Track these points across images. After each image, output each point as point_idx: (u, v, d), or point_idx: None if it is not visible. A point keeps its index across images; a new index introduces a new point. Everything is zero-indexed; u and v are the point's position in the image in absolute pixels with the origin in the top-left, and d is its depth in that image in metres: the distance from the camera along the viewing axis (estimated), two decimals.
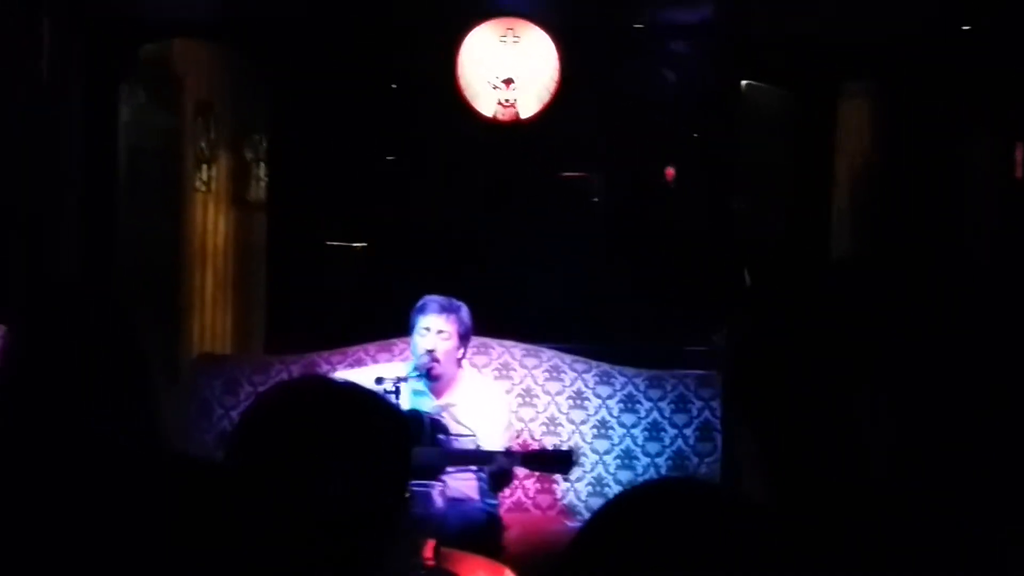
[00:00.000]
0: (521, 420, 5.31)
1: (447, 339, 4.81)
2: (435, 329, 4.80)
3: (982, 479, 1.42)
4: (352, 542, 1.78)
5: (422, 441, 4.56)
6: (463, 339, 4.87)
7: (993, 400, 1.43)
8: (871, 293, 1.50)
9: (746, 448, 1.56)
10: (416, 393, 4.78)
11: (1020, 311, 1.46)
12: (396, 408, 2.03)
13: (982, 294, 1.48)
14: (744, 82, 7.17)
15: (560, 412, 5.36)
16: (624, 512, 1.27)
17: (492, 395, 5.03)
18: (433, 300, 4.87)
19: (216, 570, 1.81)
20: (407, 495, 2.13)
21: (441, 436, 4.65)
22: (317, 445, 1.80)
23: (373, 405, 1.90)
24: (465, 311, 4.88)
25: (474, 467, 4.72)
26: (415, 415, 4.65)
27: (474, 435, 4.74)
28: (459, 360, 4.92)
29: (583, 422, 5.34)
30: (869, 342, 1.45)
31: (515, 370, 5.42)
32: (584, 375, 5.40)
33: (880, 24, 6.31)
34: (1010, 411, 1.43)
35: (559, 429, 5.34)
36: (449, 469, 4.58)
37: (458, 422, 4.76)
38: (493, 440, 4.76)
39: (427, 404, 4.81)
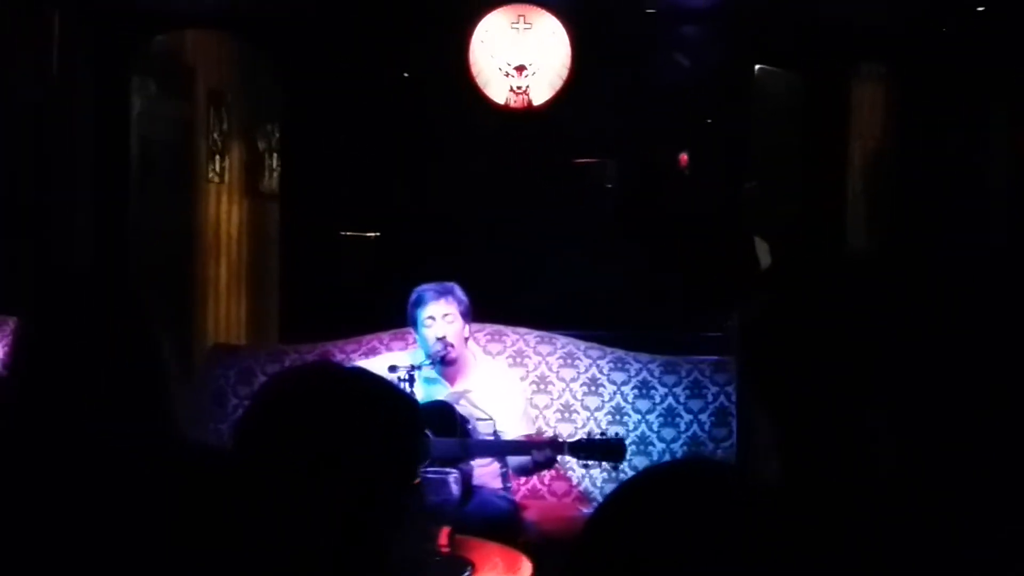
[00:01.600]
0: (536, 407, 5.30)
1: (452, 321, 4.81)
2: (439, 315, 4.80)
3: (988, 478, 1.41)
4: (361, 528, 1.78)
5: (455, 432, 4.54)
6: (466, 316, 4.86)
7: (1004, 400, 1.42)
8: (887, 286, 1.49)
9: (762, 431, 1.55)
10: (429, 381, 4.76)
11: None
12: (405, 394, 2.01)
13: (997, 290, 1.47)
14: (757, 66, 7.14)
15: (575, 399, 5.34)
16: (637, 494, 1.26)
17: (507, 380, 5.01)
18: (426, 289, 4.86)
19: (228, 557, 1.81)
20: (416, 481, 2.12)
21: (470, 426, 4.62)
22: (324, 431, 1.80)
23: (381, 390, 1.89)
24: (459, 289, 4.88)
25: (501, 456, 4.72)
26: (443, 405, 4.63)
27: (492, 420, 4.72)
28: (466, 339, 4.91)
29: (598, 408, 5.32)
30: (883, 334, 1.44)
31: (529, 357, 5.40)
32: (599, 361, 5.39)
33: (893, 5, 6.28)
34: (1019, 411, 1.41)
35: (574, 416, 5.33)
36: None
37: (476, 407, 4.74)
38: (512, 425, 4.74)
39: (441, 392, 4.79)
